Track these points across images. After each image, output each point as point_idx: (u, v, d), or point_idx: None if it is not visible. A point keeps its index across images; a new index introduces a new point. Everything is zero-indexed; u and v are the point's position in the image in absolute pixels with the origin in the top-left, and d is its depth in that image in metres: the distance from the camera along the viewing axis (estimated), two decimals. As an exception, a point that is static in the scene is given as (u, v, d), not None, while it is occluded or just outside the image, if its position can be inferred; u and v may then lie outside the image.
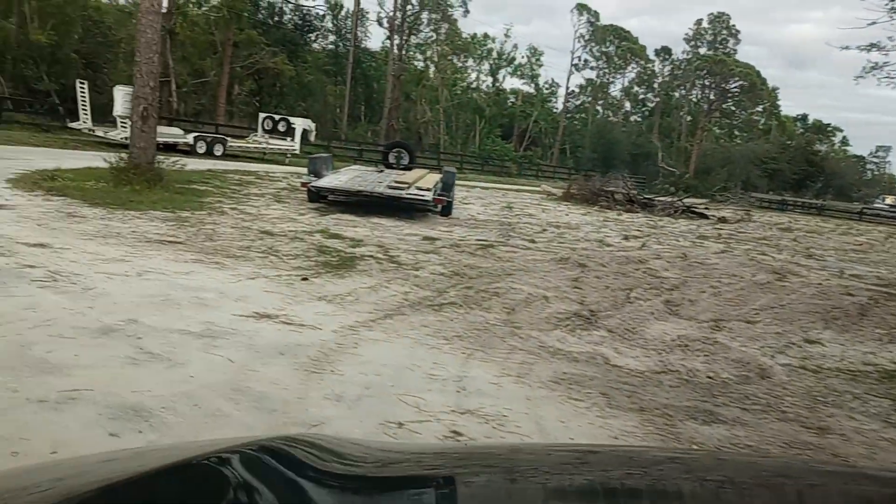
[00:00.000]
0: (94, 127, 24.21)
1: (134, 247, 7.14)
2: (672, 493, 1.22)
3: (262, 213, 10.70)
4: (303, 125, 28.78)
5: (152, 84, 11.96)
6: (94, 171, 13.08)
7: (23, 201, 9.22)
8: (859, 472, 1.67)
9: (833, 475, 1.47)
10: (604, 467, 1.33)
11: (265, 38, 39.55)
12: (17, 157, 15.77)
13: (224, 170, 18.01)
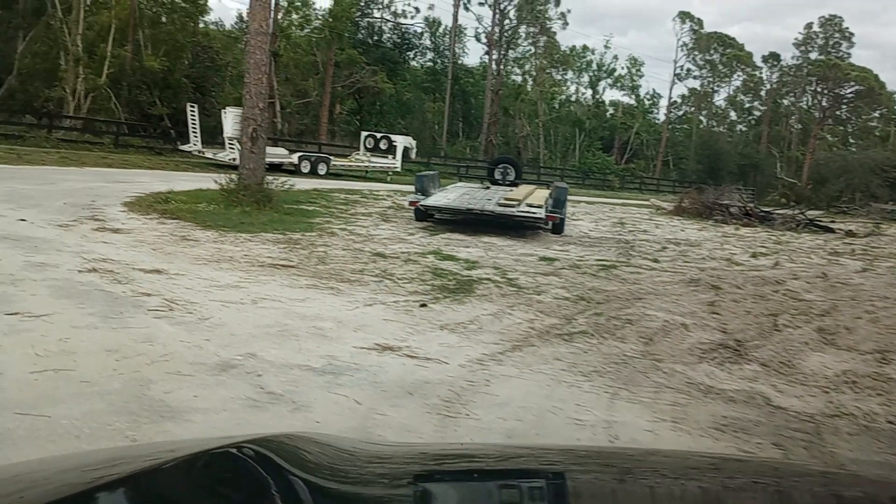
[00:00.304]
0: (203, 149, 24.82)
1: (247, 272, 6.95)
2: (670, 495, 1.21)
3: (371, 233, 10.46)
4: (404, 143, 28.77)
5: (261, 105, 11.95)
6: (204, 192, 13.20)
7: (138, 225, 9.25)
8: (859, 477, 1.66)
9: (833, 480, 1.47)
10: (600, 469, 1.35)
11: (365, 58, 40.00)
12: (133, 179, 16.17)
13: (329, 189, 18.01)
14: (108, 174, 17.21)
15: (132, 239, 8.12)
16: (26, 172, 15.35)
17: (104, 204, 10.92)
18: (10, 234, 7.59)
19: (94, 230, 8.48)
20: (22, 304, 4.99)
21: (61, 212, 9.67)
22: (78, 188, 12.97)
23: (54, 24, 27.95)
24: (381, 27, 46.55)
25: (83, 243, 7.55)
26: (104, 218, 9.50)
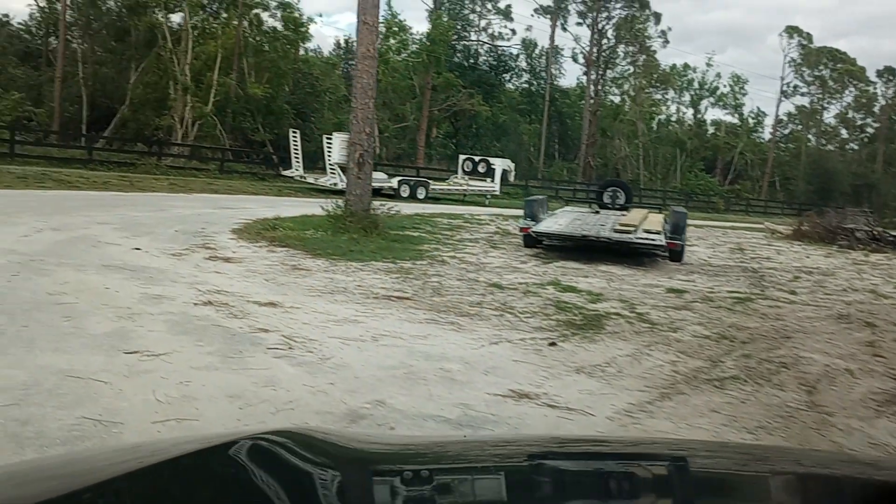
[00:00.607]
0: (305, 174, 25.07)
1: (363, 304, 6.63)
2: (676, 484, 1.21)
3: (482, 261, 10.05)
4: (502, 165, 28.41)
5: (368, 130, 11.78)
6: (310, 218, 13.11)
7: (248, 253, 9.12)
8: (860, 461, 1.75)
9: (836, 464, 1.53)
10: (602, 458, 1.36)
11: (462, 81, 39.97)
12: (239, 205, 16.31)
13: (430, 213, 17.77)
14: (215, 200, 17.46)
15: (244, 268, 7.95)
16: (138, 199, 15.68)
17: (214, 231, 10.90)
18: (127, 263, 7.53)
19: (206, 259, 8.37)
20: (141, 341, 4.78)
21: (174, 240, 9.66)
22: (188, 215, 13.08)
23: (164, 55, 28.97)
24: (476, 50, 46.58)
25: (197, 273, 7.41)
26: (215, 246, 9.42)
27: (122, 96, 31.49)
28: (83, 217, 11.11)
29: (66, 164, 23.18)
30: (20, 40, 36.08)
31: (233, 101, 30.11)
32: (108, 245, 8.68)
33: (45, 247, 8.08)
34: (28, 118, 28.49)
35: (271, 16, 32.03)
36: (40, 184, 16.77)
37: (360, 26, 11.63)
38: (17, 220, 10.02)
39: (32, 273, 6.56)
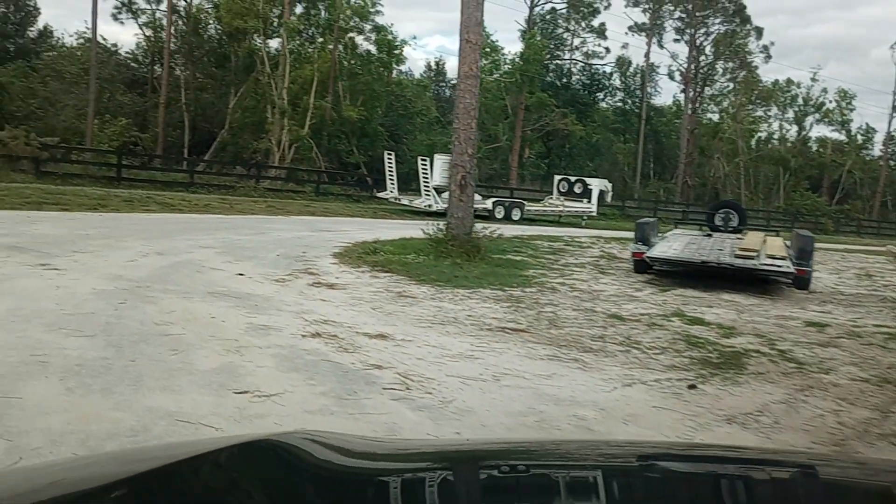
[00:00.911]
0: (399, 196, 24.95)
1: (477, 336, 6.19)
2: (677, 487, 1.22)
3: (593, 288, 9.49)
4: (599, 186, 27.67)
5: (470, 151, 11.40)
6: (410, 242, 12.82)
7: (352, 279, 8.83)
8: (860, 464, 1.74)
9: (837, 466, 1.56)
10: (605, 462, 1.37)
11: (555, 100, 39.40)
12: (337, 228, 16.20)
13: (529, 235, 17.25)
14: (312, 223, 17.42)
15: (349, 296, 7.64)
16: (239, 222, 15.75)
17: (315, 255, 10.70)
18: (231, 290, 7.32)
19: (310, 285, 8.11)
20: (250, 378, 4.46)
21: (276, 264, 9.47)
22: (287, 238, 12.98)
23: (262, 80, 29.52)
24: (569, 69, 45.96)
25: (302, 301, 7.14)
26: (318, 271, 9.18)
27: (222, 121, 32.30)
28: (187, 241, 11.10)
29: (169, 188, 23.75)
30: (127, 69, 37.51)
31: (328, 124, 30.41)
32: (211, 270, 8.54)
33: (150, 272, 7.98)
34: (134, 143, 29.48)
35: (365, 39, 32.31)
36: (145, 207, 17.09)
37: (463, 45, 11.30)
38: (123, 244, 10.04)
39: (139, 301, 6.40)
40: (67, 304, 5.97)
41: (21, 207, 14.14)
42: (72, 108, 30.42)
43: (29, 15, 43.20)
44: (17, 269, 7.39)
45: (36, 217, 12.58)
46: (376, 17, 31.62)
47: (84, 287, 6.74)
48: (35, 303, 5.94)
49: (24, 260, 7.93)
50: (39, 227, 11.04)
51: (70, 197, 16.72)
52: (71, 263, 7.98)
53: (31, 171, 21.50)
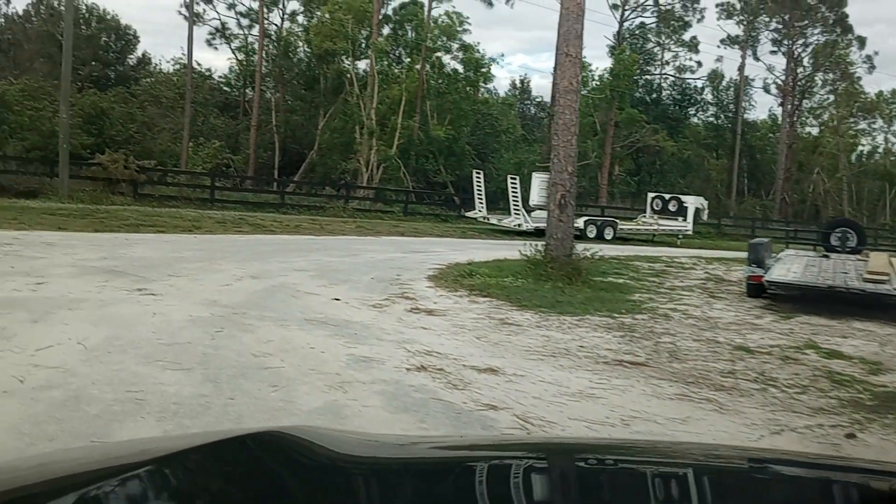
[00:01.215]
0: (488, 215, 24.55)
1: (594, 371, 5.67)
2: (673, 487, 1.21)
3: (709, 315, 8.82)
4: (695, 203, 26.63)
5: (570, 169, 10.89)
6: (505, 263, 12.38)
7: (451, 304, 8.42)
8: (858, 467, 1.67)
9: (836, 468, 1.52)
10: (603, 460, 1.35)
11: (645, 116, 38.40)
12: (427, 249, 15.88)
13: (626, 256, 16.54)
14: (402, 243, 17.16)
15: (450, 323, 7.22)
16: (330, 243, 15.61)
17: (410, 278, 10.36)
18: (329, 317, 7.01)
19: (408, 311, 7.74)
20: (357, 420, 4.08)
21: (371, 288, 9.16)
22: (380, 260, 12.71)
23: (351, 101, 29.67)
24: (659, 84, 44.80)
25: (402, 329, 6.75)
26: (414, 295, 8.81)
27: (311, 142, 32.64)
28: (280, 263, 10.93)
29: (261, 209, 23.98)
30: (220, 93, 38.47)
31: (415, 144, 30.31)
32: (306, 295, 8.27)
33: (245, 297, 7.76)
34: (227, 165, 30.02)
35: (453, 58, 32.14)
36: (238, 228, 17.17)
37: (562, 59, 10.83)
38: (218, 267, 9.92)
39: (236, 329, 6.13)
40: (164, 333, 5.74)
41: (119, 230, 14.33)
42: (168, 131, 31.26)
43: (129, 43, 44.94)
44: (114, 294, 7.26)
45: (133, 239, 12.68)
46: (463, 35, 31.42)
47: (180, 314, 6.53)
48: (131, 331, 5.73)
49: (122, 284, 7.82)
50: (136, 250, 11.06)
51: (166, 219, 16.94)
52: (167, 288, 7.84)
53: (130, 194, 22.02)
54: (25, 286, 7.24)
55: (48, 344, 5.11)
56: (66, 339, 5.28)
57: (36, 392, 4.13)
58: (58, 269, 8.57)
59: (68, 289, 7.30)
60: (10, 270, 8.13)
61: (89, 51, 38.49)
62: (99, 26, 42.05)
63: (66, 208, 16.92)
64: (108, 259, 9.78)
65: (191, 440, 1.23)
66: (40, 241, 11.10)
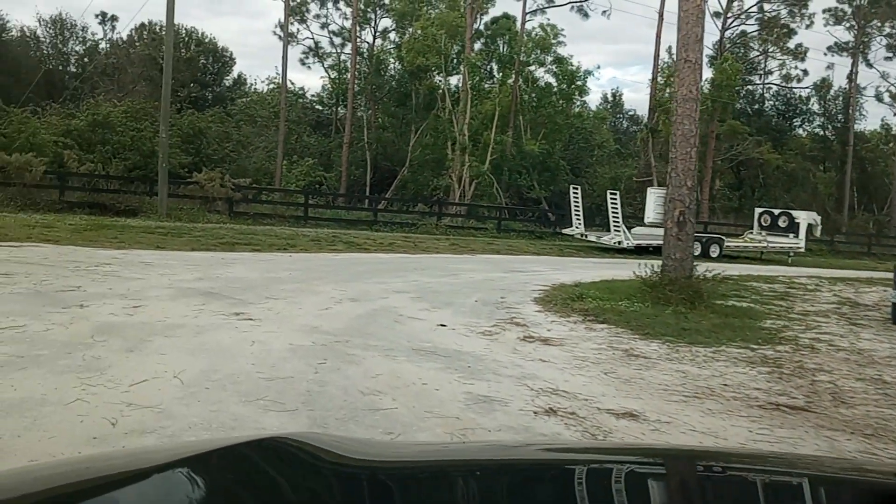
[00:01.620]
0: (586, 232, 23.68)
1: (749, 417, 4.87)
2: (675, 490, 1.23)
3: (858, 346, 7.83)
4: (807, 219, 25.07)
5: (689, 184, 10.06)
6: (614, 285, 11.61)
7: (566, 332, 7.71)
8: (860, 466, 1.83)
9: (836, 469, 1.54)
10: (603, 464, 1.37)
11: (747, 128, 36.73)
12: (528, 268, 15.21)
13: (738, 276, 15.41)
14: (500, 262, 16.53)
15: (570, 355, 6.51)
16: (425, 262, 15.11)
17: (515, 301, 9.70)
18: (437, 346, 6.41)
19: (522, 340, 7.07)
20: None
21: (476, 312, 8.53)
22: (480, 280, 12.10)
23: (442, 117, 29.31)
24: (762, 94, 42.90)
25: (519, 362, 6.09)
26: (524, 321, 8.14)
27: (402, 158, 32.44)
28: (378, 284, 10.45)
29: (354, 226, 23.79)
30: (313, 111, 38.86)
31: (508, 159, 29.69)
32: (410, 320, 7.70)
33: (346, 323, 7.25)
34: (319, 182, 30.07)
35: (547, 71, 31.44)
36: (332, 246, 16.88)
37: (681, 65, 10.02)
38: (315, 289, 9.49)
39: (340, 360, 5.59)
40: (264, 365, 5.24)
41: (216, 248, 14.19)
42: (262, 150, 31.61)
43: (225, 65, 46.07)
44: (211, 319, 6.86)
45: (229, 259, 12.46)
46: (558, 47, 30.69)
47: (280, 342, 6.05)
48: (230, 362, 5.26)
49: (219, 308, 7.44)
50: (233, 270, 10.77)
51: (261, 237, 16.80)
52: (265, 312, 7.40)
53: (225, 212, 22.14)
54: (122, 310, 6.92)
55: (143, 378, 4.68)
56: (163, 372, 4.84)
57: (128, 439, 3.65)
58: (154, 290, 8.28)
59: (165, 313, 6.95)
60: (108, 292, 7.87)
61: (188, 73, 39.52)
62: (197, 49, 43.23)
63: (164, 227, 16.99)
64: (205, 280, 9.48)
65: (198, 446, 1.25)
66: (138, 261, 10.95)
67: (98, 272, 9.40)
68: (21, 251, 11.06)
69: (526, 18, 31.24)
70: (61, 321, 6.21)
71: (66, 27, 39.04)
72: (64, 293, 7.61)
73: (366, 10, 34.27)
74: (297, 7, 34.68)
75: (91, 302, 7.21)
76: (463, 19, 29.39)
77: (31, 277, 8.45)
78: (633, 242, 22.19)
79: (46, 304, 6.91)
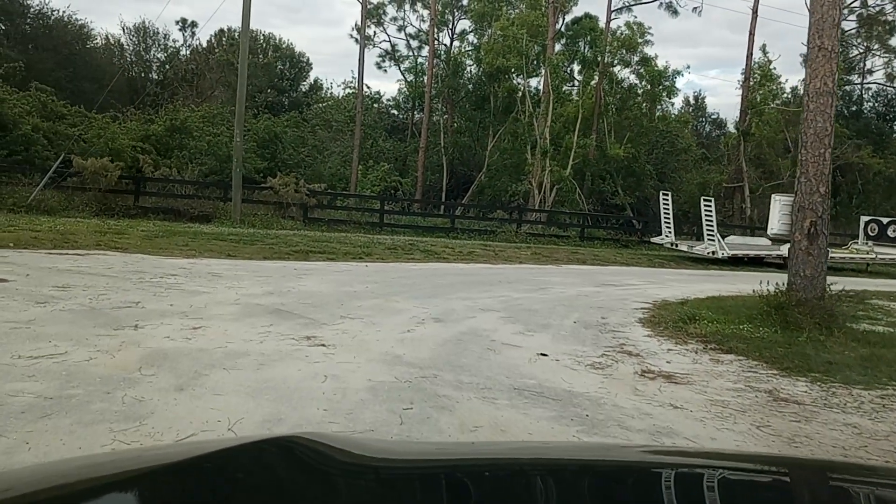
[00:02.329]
0: (677, 241, 22.24)
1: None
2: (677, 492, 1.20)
3: None
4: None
5: (823, 190, 8.73)
6: (724, 302, 10.39)
7: (688, 364, 6.54)
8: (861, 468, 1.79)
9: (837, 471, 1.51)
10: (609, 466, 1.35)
11: (846, 130, 34.47)
12: (620, 281, 14.00)
13: (855, 291, 13.80)
14: (589, 274, 15.34)
15: (705, 398, 5.35)
16: (509, 273, 14.05)
17: (619, 322, 8.57)
18: (543, 384, 5.33)
19: (640, 375, 5.94)
20: None
21: (578, 337, 7.43)
22: (572, 296, 10.98)
23: (522, 120, 28.19)
24: (860, 95, 40.39)
25: (645, 408, 4.96)
26: (636, 349, 7.00)
27: (479, 163, 31.47)
28: (462, 300, 9.45)
29: (430, 233, 22.91)
30: (388, 116, 38.28)
31: (591, 164, 28.35)
32: (505, 347, 6.66)
33: (432, 351, 6.25)
34: (395, 188, 29.32)
35: (632, 72, 29.98)
36: (409, 255, 15.99)
37: (815, 53, 8.70)
38: (395, 306, 8.55)
39: (429, 404, 4.58)
40: (338, 412, 4.28)
41: (289, 257, 13.44)
42: (337, 154, 31.09)
43: (301, 70, 46.03)
44: (278, 345, 5.95)
45: (302, 269, 11.64)
46: (644, 47, 29.19)
47: (357, 377, 5.09)
48: (298, 407, 4.31)
49: (288, 330, 6.54)
50: (305, 283, 9.93)
51: (335, 244, 16.03)
52: (340, 336, 6.47)
53: (300, 218, 21.53)
54: (180, 332, 6.09)
55: (189, 431, 3.76)
56: (215, 422, 3.92)
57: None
58: (219, 307, 7.45)
59: (227, 336, 6.08)
60: (169, 310, 7.07)
61: (265, 78, 39.49)
62: (275, 55, 43.29)
63: (236, 233, 16.39)
64: (275, 294, 8.63)
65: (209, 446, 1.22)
66: (206, 272, 10.21)
67: (162, 285, 8.66)
68: (87, 260, 10.46)
69: (611, 17, 29.88)
70: (109, 347, 5.39)
71: (149, 35, 39.49)
72: (120, 310, 6.83)
73: (444, 12, 33.46)
74: (373, 10, 34.12)
75: (147, 322, 6.41)
76: (545, 19, 28.22)
77: (89, 291, 7.74)
78: (728, 252, 20.69)
79: (98, 325, 6.13)
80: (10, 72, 23.38)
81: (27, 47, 33.05)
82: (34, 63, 30.36)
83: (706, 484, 1.24)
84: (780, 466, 1.48)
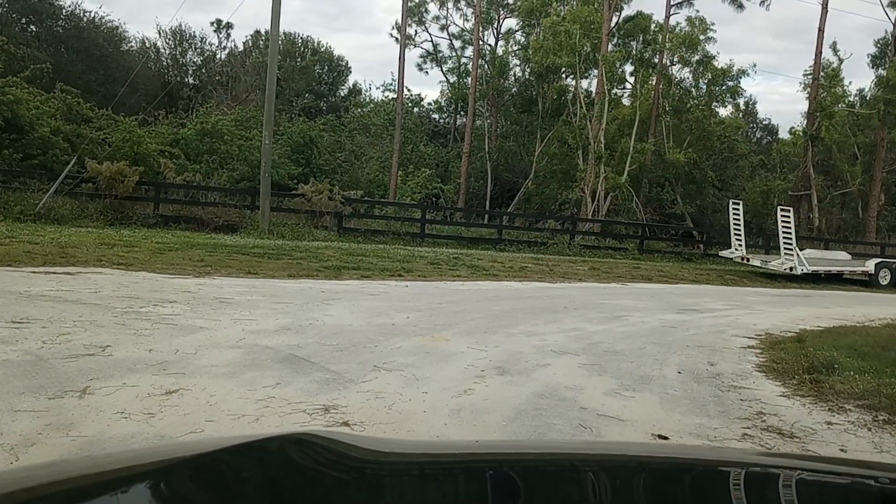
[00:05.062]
0: (748, 255, 20.06)
1: None
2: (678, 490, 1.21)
3: None
4: None
5: None
6: (843, 336, 8.35)
7: (864, 446, 4.56)
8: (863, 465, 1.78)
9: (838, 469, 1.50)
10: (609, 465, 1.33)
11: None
12: (701, 304, 12.02)
13: None
14: (662, 295, 13.33)
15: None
16: (574, 295, 12.09)
17: (734, 372, 6.59)
18: None
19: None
20: None
21: (695, 399, 5.48)
22: (656, 327, 9.02)
23: (573, 122, 26.18)
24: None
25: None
26: (782, 423, 5.02)
27: (526, 169, 29.54)
28: (527, 336, 7.55)
29: (475, 245, 21.03)
30: (429, 120, 36.56)
31: (649, 170, 26.20)
32: (603, 422, 4.72)
33: (500, 428, 4.37)
34: (436, 195, 27.48)
35: (691, 71, 27.75)
36: (454, 272, 14.12)
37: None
38: (443, 347, 6.68)
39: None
40: None
41: (318, 275, 11.67)
42: (376, 160, 29.41)
43: (340, 74, 44.50)
44: (281, 422, 4.11)
45: (331, 292, 9.82)
46: (707, 44, 26.93)
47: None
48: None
49: (299, 394, 4.70)
50: (332, 312, 8.10)
51: (371, 259, 14.24)
52: (370, 405, 4.61)
53: (333, 228, 19.78)
54: (143, 402, 4.28)
55: None
56: None
57: None
58: (213, 354, 5.63)
59: (210, 409, 4.26)
60: (143, 358, 5.28)
61: (303, 82, 38.05)
62: (313, 58, 41.80)
63: (262, 245, 14.68)
64: (291, 331, 6.81)
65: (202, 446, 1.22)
66: (213, 296, 8.44)
67: (150, 317, 6.89)
68: (74, 281, 8.77)
69: (671, 12, 27.74)
70: (22, 433, 3.60)
71: (185, 38, 38.34)
72: (74, 361, 5.05)
73: (489, 10, 31.61)
74: (415, 8, 32.43)
75: (104, 382, 4.61)
76: (599, 14, 26.18)
77: (49, 329, 5.99)
78: (808, 268, 18.50)
79: (31, 387, 4.35)
80: (37, 73, 22.07)
81: (59, 49, 31.92)
82: (64, 65, 29.20)
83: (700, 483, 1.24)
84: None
